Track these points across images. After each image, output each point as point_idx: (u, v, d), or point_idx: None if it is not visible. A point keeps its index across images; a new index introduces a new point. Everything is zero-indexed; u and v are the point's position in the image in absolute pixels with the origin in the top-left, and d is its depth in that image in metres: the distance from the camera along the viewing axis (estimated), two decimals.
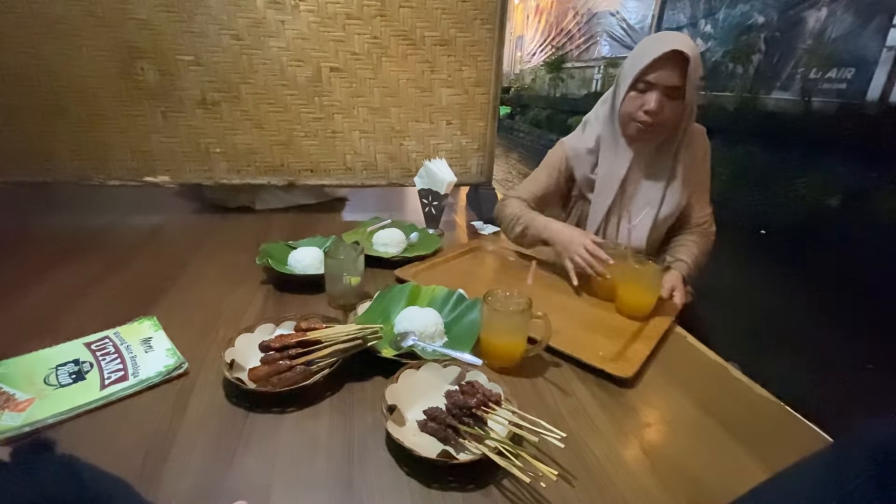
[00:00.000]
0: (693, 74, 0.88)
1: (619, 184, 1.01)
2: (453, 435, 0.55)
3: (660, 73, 0.89)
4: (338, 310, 0.86)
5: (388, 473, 0.52)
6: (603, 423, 0.61)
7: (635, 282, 0.85)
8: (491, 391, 0.60)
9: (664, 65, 0.89)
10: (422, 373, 0.64)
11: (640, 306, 0.85)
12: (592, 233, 1.03)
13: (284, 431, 0.57)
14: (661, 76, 0.89)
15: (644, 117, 0.93)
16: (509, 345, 0.70)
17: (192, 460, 0.52)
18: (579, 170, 1.07)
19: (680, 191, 1.00)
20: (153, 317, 0.79)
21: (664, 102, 0.91)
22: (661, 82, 0.90)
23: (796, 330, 2.18)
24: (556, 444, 0.51)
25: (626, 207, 1.03)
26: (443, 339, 0.75)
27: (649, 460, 0.56)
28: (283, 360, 0.64)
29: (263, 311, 0.85)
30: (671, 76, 0.89)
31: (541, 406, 0.63)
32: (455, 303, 0.82)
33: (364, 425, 0.59)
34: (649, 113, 0.91)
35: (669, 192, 1.01)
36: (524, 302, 0.69)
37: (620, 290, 0.87)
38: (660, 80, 0.90)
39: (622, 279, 0.87)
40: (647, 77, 0.91)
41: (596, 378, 0.70)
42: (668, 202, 1.01)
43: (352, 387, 0.66)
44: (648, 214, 1.01)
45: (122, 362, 0.67)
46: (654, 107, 0.90)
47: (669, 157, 0.99)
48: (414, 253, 1.09)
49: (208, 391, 0.63)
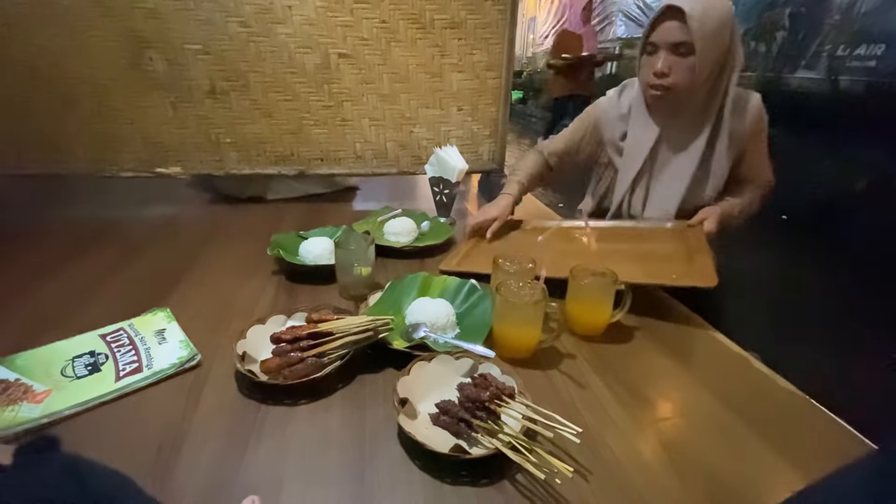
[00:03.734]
0: (699, 27, 0.84)
1: (645, 155, 0.98)
2: (466, 429, 0.54)
3: (661, 30, 0.88)
4: (349, 300, 0.86)
5: (400, 467, 0.51)
6: (619, 417, 0.60)
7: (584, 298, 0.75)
8: (504, 384, 0.59)
9: (664, 21, 0.87)
10: (434, 365, 0.63)
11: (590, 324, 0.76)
12: (617, 202, 1.04)
13: (296, 424, 0.57)
14: (663, 33, 0.88)
15: (654, 80, 0.90)
16: (523, 336, 0.68)
17: (205, 454, 0.52)
18: (608, 134, 1.05)
19: (719, 164, 0.95)
20: (166, 308, 0.79)
21: (672, 61, 0.88)
22: (664, 39, 0.88)
23: (820, 319, 2.12)
24: (572, 440, 0.50)
25: (654, 178, 1.00)
26: (455, 330, 0.74)
27: (667, 456, 0.54)
28: (294, 353, 0.63)
29: (275, 302, 0.85)
30: (672, 32, 0.86)
31: (555, 399, 0.62)
32: (467, 293, 0.81)
33: (376, 418, 0.58)
34: (657, 74, 0.89)
35: (704, 167, 0.97)
36: (538, 292, 0.67)
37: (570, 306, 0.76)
38: (661, 37, 0.88)
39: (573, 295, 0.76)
40: (651, 39, 0.90)
41: (613, 370, 0.68)
42: (701, 177, 0.97)
43: (363, 379, 0.65)
44: (676, 189, 0.98)
45: (136, 354, 0.68)
46: (659, 67, 0.88)
47: (703, 128, 0.95)
48: (425, 242, 1.07)
49: (221, 383, 0.63)
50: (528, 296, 0.68)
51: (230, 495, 0.47)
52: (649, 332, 0.78)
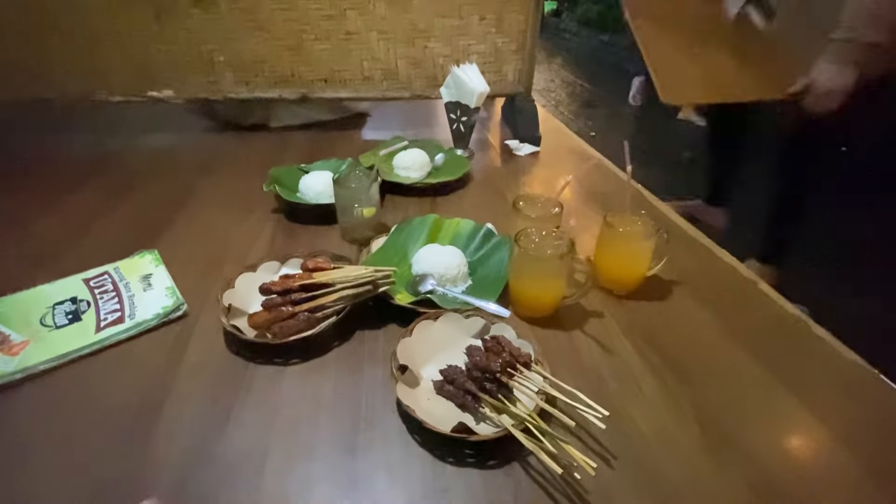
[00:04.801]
0: None
1: None
2: (472, 402, 0.47)
3: None
4: (351, 244, 0.78)
5: (398, 442, 0.46)
6: (650, 389, 0.52)
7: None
8: (519, 350, 0.51)
9: None
10: (440, 324, 0.56)
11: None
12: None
13: (286, 386, 0.52)
14: None
15: None
16: (543, 293, 0.59)
17: (186, 418, 0.48)
18: None
19: None
20: (154, 251, 0.73)
21: None
22: None
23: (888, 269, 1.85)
24: (597, 424, 0.43)
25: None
26: (466, 282, 0.66)
27: (704, 436, 0.47)
28: (285, 307, 0.57)
29: (272, 245, 0.78)
30: None
31: (577, 366, 0.55)
32: (482, 239, 0.72)
33: (374, 382, 0.52)
34: None
35: None
36: (565, 244, 0.57)
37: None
38: None
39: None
40: None
41: (645, 332, 0.59)
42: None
43: (362, 336, 0.59)
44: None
45: (119, 302, 0.62)
46: None
47: None
48: (438, 178, 0.96)
49: (207, 337, 0.58)
50: (553, 247, 0.58)
51: (211, 466, 0.43)
52: (689, 287, 0.68)
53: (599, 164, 1.09)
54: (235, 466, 0.43)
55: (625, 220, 0.63)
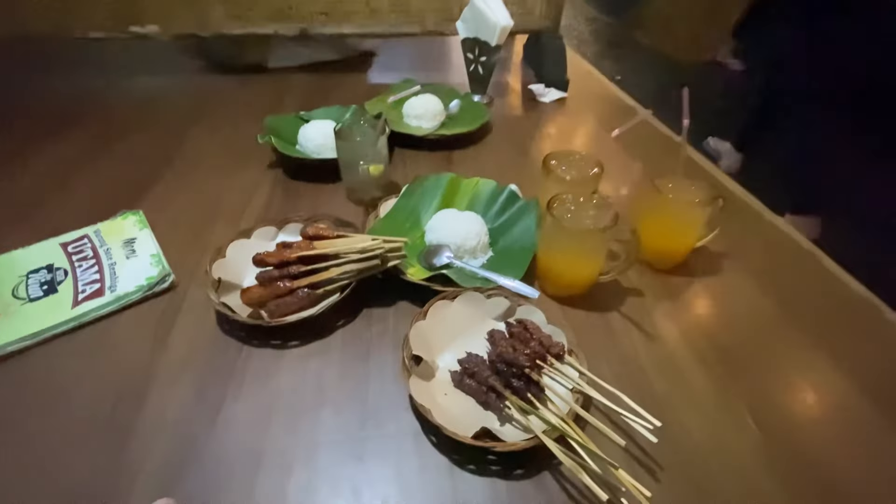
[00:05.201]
0: None
1: None
2: (496, 400, 0.41)
3: None
4: (357, 206, 0.69)
5: (411, 444, 0.40)
6: (701, 385, 0.45)
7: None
8: (550, 339, 0.44)
9: None
10: (458, 305, 0.49)
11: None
12: None
13: (284, 374, 0.46)
14: None
15: None
16: (579, 271, 0.51)
17: (172, 409, 0.42)
18: None
19: None
20: (139, 212, 0.66)
21: None
22: None
23: None
24: (647, 437, 0.36)
25: None
26: (486, 254, 0.58)
27: (767, 447, 0.40)
28: (281, 281, 0.50)
29: (268, 206, 0.70)
30: None
31: (614, 354, 0.48)
32: (504, 203, 0.63)
33: (382, 370, 0.46)
34: None
35: None
36: (608, 215, 0.48)
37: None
38: None
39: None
40: None
41: (692, 315, 0.52)
42: None
43: (370, 315, 0.52)
44: None
45: (99, 271, 0.56)
46: None
47: None
48: (453, 129, 0.86)
49: (197, 313, 0.52)
50: (592, 218, 0.49)
51: (198, 467, 0.38)
52: (740, 260, 0.60)
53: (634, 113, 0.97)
54: (226, 469, 0.38)
55: (676, 185, 0.54)
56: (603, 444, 0.36)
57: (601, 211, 0.49)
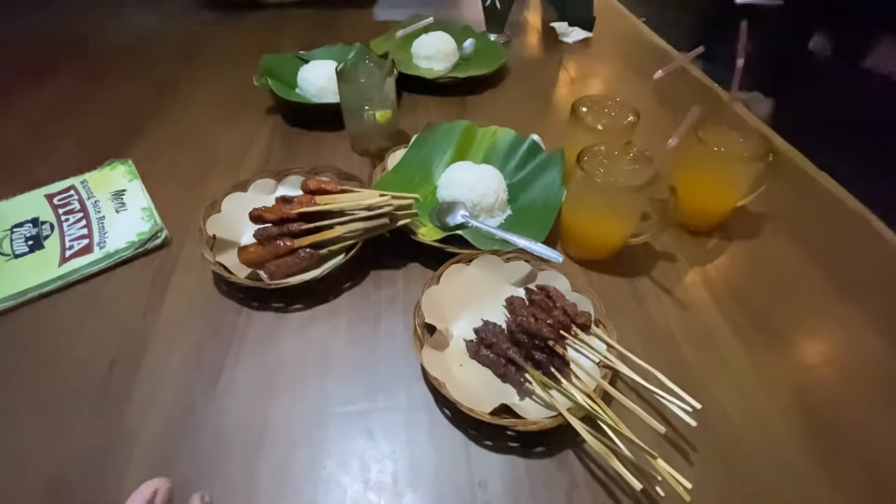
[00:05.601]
0: None
1: None
2: (516, 375, 0.37)
3: None
4: (363, 156, 0.64)
5: (423, 418, 0.37)
6: (738, 361, 0.41)
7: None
8: (575, 307, 0.41)
9: None
10: (474, 269, 0.45)
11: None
12: None
13: (287, 339, 0.43)
14: None
15: None
16: (610, 233, 0.47)
17: (168, 377, 0.40)
18: None
19: None
20: (128, 161, 0.61)
21: None
22: None
23: None
24: (684, 419, 0.33)
25: None
26: (504, 212, 0.53)
27: (807, 426, 0.37)
28: (281, 240, 0.46)
29: (267, 155, 0.64)
30: None
31: (643, 324, 0.44)
32: (525, 156, 0.57)
33: (392, 336, 0.43)
34: None
35: None
36: (647, 171, 0.43)
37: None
38: None
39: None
40: None
41: (729, 283, 0.48)
42: None
43: (377, 277, 0.48)
44: None
45: (87, 226, 0.52)
46: None
47: None
48: (467, 72, 0.78)
49: (193, 272, 0.48)
50: (628, 174, 0.43)
51: (198, 438, 0.36)
52: (782, 221, 0.55)
53: (669, 57, 0.88)
54: (227, 440, 0.36)
55: (722, 136, 0.47)
56: (633, 424, 0.33)
57: (638, 166, 0.44)
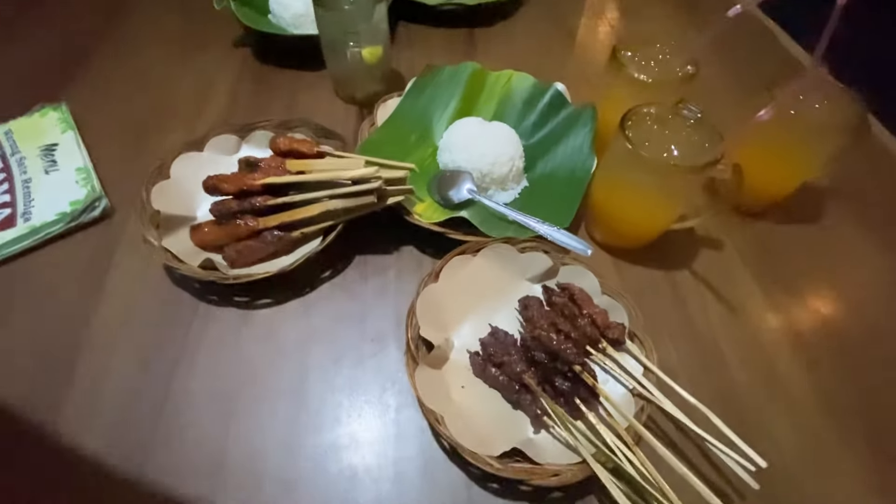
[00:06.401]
0: None
1: None
2: (531, 404, 0.30)
3: None
4: (348, 103, 0.53)
5: (416, 451, 0.31)
6: (799, 382, 0.34)
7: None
8: (606, 316, 0.33)
9: None
10: (481, 261, 0.36)
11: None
12: None
13: (252, 343, 0.35)
14: None
15: None
16: (649, 218, 0.38)
17: (108, 386, 0.33)
18: None
19: None
20: (62, 105, 0.50)
21: None
22: None
23: None
24: (745, 480, 0.26)
25: None
26: (520, 184, 0.43)
27: (881, 477, 0.31)
28: (242, 219, 0.37)
29: (234, 101, 0.53)
30: None
31: (684, 333, 0.36)
32: (546, 110, 0.46)
33: (382, 340, 0.35)
34: None
35: None
36: (711, 144, 0.33)
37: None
38: None
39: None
40: None
41: (789, 279, 0.40)
42: None
43: (364, 263, 0.40)
44: None
45: (9, 190, 0.43)
46: None
47: None
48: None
49: (139, 255, 0.39)
50: (687, 146, 0.33)
51: (143, 463, 0.29)
52: (857, 205, 0.45)
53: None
54: (178, 472, 0.29)
55: (804, 97, 0.37)
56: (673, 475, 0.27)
57: (697, 134, 0.34)
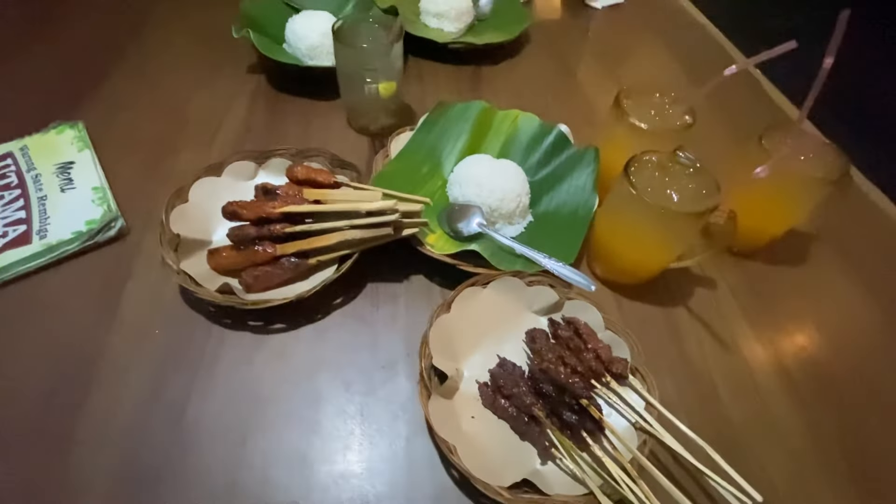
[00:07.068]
0: None
1: None
2: (540, 436, 0.32)
3: None
4: (361, 133, 0.55)
5: (428, 482, 0.32)
6: (787, 418, 0.36)
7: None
8: (609, 351, 0.34)
9: None
10: (490, 293, 0.38)
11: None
12: None
13: (265, 367, 0.36)
14: None
15: None
16: (650, 257, 0.40)
17: (123, 408, 0.33)
18: None
19: None
20: (79, 123, 0.51)
21: None
22: None
23: None
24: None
25: None
26: (525, 219, 0.45)
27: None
28: (261, 244, 0.38)
29: (248, 125, 0.55)
30: None
31: (682, 369, 0.38)
32: (550, 150, 0.49)
33: (392, 369, 0.36)
34: None
35: None
36: (708, 191, 0.36)
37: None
38: None
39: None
40: None
41: (776, 316, 0.42)
42: None
43: (375, 291, 0.41)
44: None
45: (25, 206, 0.43)
46: None
47: None
48: (484, 37, 0.67)
49: (154, 275, 0.40)
50: (685, 191, 0.36)
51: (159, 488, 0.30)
52: (838, 246, 0.48)
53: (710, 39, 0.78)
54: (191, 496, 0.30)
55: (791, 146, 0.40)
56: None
57: (696, 181, 0.36)
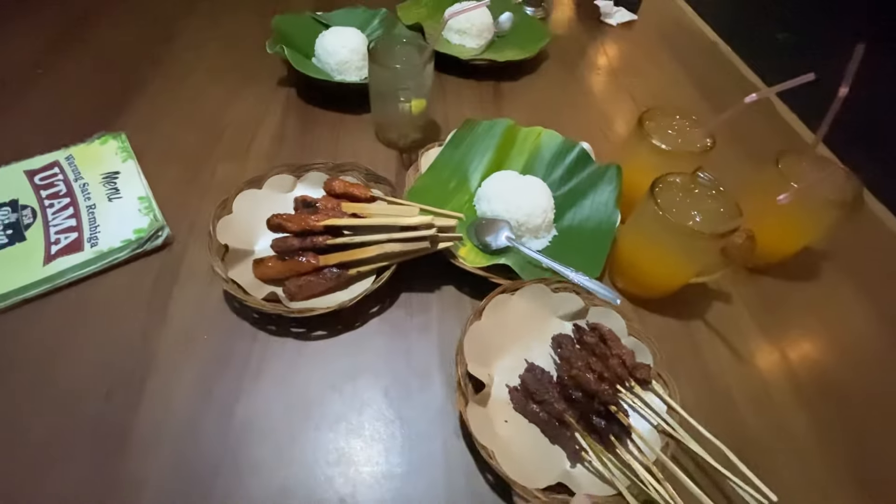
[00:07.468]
0: None
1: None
2: (570, 440, 0.34)
3: None
4: (389, 147, 0.57)
5: (465, 486, 0.34)
6: (802, 431, 0.38)
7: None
8: (633, 356, 0.37)
9: None
10: (518, 300, 0.40)
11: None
12: None
13: (307, 373, 0.38)
14: None
15: None
16: (671, 273, 0.42)
17: (176, 406, 0.35)
18: None
19: None
20: (122, 134, 0.53)
21: None
22: None
23: None
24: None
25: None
26: (550, 233, 0.48)
27: None
28: (304, 255, 0.40)
29: (281, 136, 0.57)
30: None
31: (700, 379, 0.40)
32: (572, 166, 0.51)
33: (427, 376, 0.38)
34: None
35: None
36: (729, 213, 0.38)
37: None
38: None
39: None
40: None
41: (787, 332, 0.44)
42: None
43: (409, 301, 0.43)
44: None
45: (75, 215, 0.45)
46: None
47: None
48: (504, 53, 0.70)
49: (198, 283, 0.42)
50: (707, 212, 0.38)
51: (214, 482, 0.32)
52: (850, 265, 0.51)
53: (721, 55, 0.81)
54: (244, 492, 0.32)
55: (805, 169, 0.42)
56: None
57: (717, 203, 0.39)
